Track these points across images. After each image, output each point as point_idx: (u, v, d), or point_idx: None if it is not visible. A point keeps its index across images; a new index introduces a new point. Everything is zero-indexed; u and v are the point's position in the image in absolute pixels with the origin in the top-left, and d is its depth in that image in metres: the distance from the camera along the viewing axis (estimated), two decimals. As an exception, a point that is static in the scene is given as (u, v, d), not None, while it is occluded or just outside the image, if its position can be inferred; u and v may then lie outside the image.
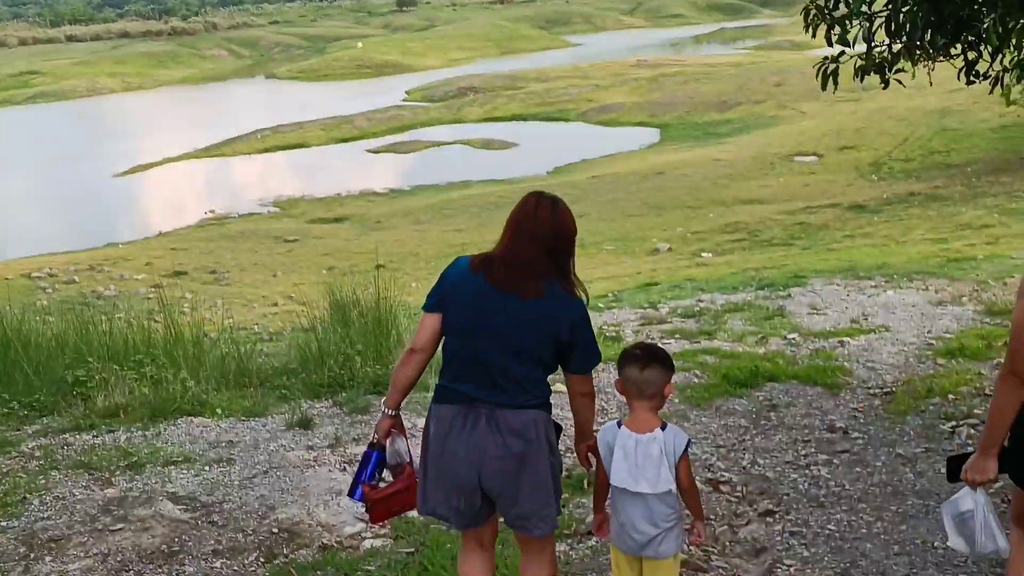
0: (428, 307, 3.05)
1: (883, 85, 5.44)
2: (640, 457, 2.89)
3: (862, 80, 5.38)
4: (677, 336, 6.96)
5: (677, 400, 5.46)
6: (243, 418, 5.45)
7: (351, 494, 3.22)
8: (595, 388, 3.14)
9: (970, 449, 3.35)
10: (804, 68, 41.04)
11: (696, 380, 5.88)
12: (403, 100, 45.91)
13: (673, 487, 2.91)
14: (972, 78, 5.44)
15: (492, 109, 39.91)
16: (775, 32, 68.18)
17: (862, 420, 5.19)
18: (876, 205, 18.78)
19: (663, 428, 2.92)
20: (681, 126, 33.61)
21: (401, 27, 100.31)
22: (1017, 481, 2.80)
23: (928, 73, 5.59)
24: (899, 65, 5.38)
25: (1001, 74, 5.60)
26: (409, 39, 79.16)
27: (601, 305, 8.35)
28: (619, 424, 2.98)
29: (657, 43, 70.54)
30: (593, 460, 3.18)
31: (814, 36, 5.39)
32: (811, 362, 6.14)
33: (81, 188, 30.21)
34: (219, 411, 5.50)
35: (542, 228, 2.95)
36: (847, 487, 4.37)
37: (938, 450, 4.68)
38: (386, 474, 3.22)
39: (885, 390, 5.62)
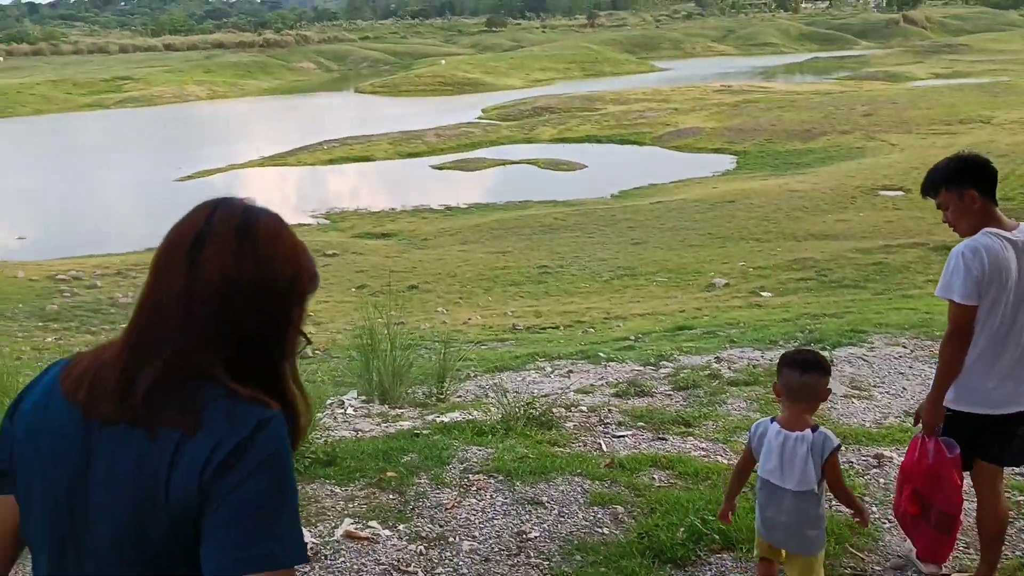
0: None
1: None
2: (787, 454, 2.89)
3: None
4: (641, 425, 5.00)
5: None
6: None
7: None
8: None
9: None
10: (897, 99, 38.96)
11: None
12: (478, 118, 45.09)
13: (816, 488, 2.88)
14: None
15: (565, 130, 38.63)
16: (871, 63, 65.60)
17: None
18: (966, 248, 16.81)
19: (814, 430, 2.91)
20: (760, 154, 31.74)
21: (488, 47, 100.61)
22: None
23: None
24: None
25: None
26: (493, 58, 78.87)
27: (602, 354, 6.89)
28: (772, 420, 2.99)
29: (747, 70, 68.62)
30: None
31: None
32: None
33: (141, 191, 30.07)
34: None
35: (206, 273, 1.37)
36: None
37: None
38: None
39: None
